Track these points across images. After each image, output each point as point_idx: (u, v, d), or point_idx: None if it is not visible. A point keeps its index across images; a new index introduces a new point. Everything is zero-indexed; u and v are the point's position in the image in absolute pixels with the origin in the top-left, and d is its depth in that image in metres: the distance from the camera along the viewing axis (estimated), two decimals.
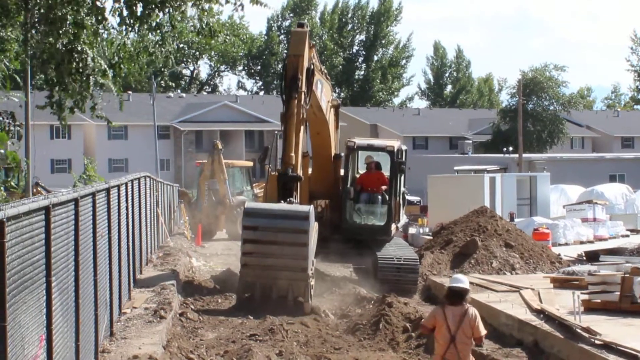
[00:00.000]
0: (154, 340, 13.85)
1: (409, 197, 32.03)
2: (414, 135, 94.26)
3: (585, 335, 14.39)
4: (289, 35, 24.84)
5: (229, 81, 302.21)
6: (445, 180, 44.04)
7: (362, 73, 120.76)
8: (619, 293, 16.89)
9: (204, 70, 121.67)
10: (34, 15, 15.49)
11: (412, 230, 40.04)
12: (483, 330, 10.95)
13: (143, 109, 77.86)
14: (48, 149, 72.41)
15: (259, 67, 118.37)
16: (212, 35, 16.12)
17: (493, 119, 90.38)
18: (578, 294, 16.42)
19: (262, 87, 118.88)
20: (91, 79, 15.30)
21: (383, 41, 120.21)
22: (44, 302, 8.80)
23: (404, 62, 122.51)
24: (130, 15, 14.98)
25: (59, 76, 15.15)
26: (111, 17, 15.31)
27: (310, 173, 24.08)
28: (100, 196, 12.85)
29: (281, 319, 17.33)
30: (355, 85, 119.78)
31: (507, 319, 17.29)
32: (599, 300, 17.24)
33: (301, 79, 20.56)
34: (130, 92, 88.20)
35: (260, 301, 18.99)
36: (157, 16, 15.30)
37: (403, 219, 26.78)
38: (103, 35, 16.32)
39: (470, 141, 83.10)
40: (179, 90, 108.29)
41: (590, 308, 16.96)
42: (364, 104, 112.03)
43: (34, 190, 32.04)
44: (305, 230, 18.59)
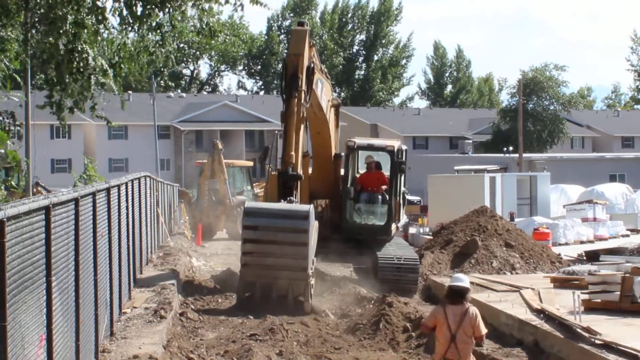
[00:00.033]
0: (154, 340, 13.85)
1: (409, 197, 32.03)
2: (414, 135, 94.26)
3: (586, 335, 14.39)
4: (289, 35, 24.91)
5: (229, 81, 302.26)
6: (446, 180, 44.03)
7: (362, 73, 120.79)
8: (619, 293, 16.89)
9: (204, 70, 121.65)
10: (34, 14, 15.49)
11: (413, 230, 40.04)
12: (484, 329, 10.97)
13: (143, 108, 77.87)
14: (48, 149, 72.41)
15: (259, 67, 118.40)
16: (212, 35, 16.12)
17: (493, 118, 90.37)
18: (578, 294, 16.42)
19: (263, 87, 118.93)
20: (92, 79, 15.30)
21: (383, 41, 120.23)
22: (44, 302, 8.80)
23: (404, 62, 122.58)
24: (130, 15, 14.98)
25: (59, 76, 15.15)
26: (111, 17, 15.32)
27: (310, 173, 24.07)
28: (100, 196, 12.85)
29: (281, 319, 17.33)
30: (355, 85, 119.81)
31: (508, 318, 17.29)
32: (599, 300, 17.23)
33: (301, 77, 20.55)
34: (130, 92, 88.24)
35: (260, 301, 18.99)
36: (157, 16, 15.29)
37: (403, 219, 26.78)
38: (103, 35, 16.31)
39: (470, 141, 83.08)
40: (179, 90, 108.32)
41: (590, 308, 16.96)
42: (364, 103, 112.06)
43: (34, 190, 32.03)
44: (305, 230, 18.59)
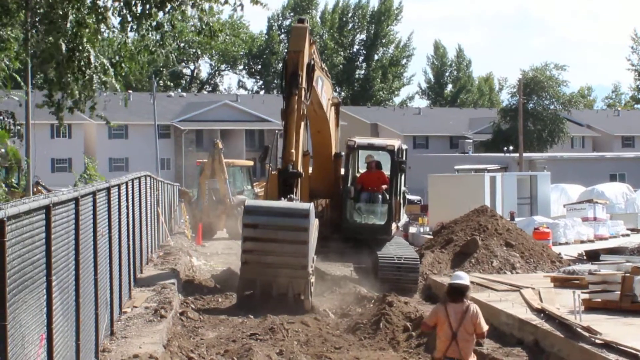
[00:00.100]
0: (155, 340, 13.85)
1: (409, 197, 32.05)
2: (414, 134, 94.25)
3: (586, 334, 14.39)
4: (289, 34, 24.90)
5: (229, 80, 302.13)
6: (446, 179, 44.03)
7: (363, 72, 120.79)
8: (619, 292, 16.89)
9: (204, 69, 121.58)
10: (34, 14, 15.48)
11: (413, 229, 40.04)
12: (485, 326, 11.02)
13: (143, 108, 77.88)
14: (48, 148, 72.44)
15: (260, 67, 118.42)
16: (213, 35, 16.11)
17: (493, 118, 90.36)
18: (578, 293, 16.43)
19: (263, 87, 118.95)
20: (95, 78, 15.28)
21: (383, 40, 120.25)
22: (44, 301, 8.80)
23: (404, 62, 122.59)
24: (129, 15, 14.96)
25: (59, 76, 15.13)
26: (112, 17, 15.31)
27: (310, 172, 24.07)
28: (100, 195, 12.85)
29: (281, 318, 17.32)
30: (355, 84, 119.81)
31: (508, 318, 17.29)
32: (599, 300, 17.24)
33: (301, 75, 20.52)
34: (130, 92, 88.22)
35: (260, 299, 18.99)
36: (157, 15, 15.28)
37: (403, 218, 26.78)
38: (104, 34, 16.30)
39: (470, 140, 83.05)
40: (180, 90, 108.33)
41: (590, 307, 16.96)
42: (364, 103, 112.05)
43: (35, 189, 32.05)
44: (306, 228, 18.58)
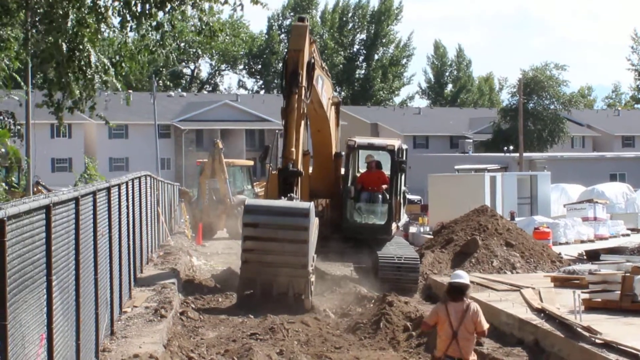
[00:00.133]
0: (155, 339, 13.85)
1: (409, 196, 32.06)
2: (414, 134, 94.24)
3: (586, 334, 14.39)
4: (289, 33, 24.86)
5: (229, 80, 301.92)
6: (446, 179, 44.03)
7: (363, 72, 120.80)
8: (619, 292, 16.89)
9: (204, 69, 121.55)
10: (34, 14, 15.47)
11: (413, 229, 40.05)
12: (486, 324, 11.05)
13: (143, 108, 77.87)
14: (49, 148, 72.44)
15: (260, 66, 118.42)
16: (213, 35, 16.11)
17: (494, 118, 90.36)
18: (579, 293, 16.42)
19: (263, 86, 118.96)
20: (96, 77, 15.27)
21: (384, 40, 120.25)
22: (44, 301, 8.80)
23: (404, 61, 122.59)
24: (129, 14, 14.95)
25: (58, 75, 15.12)
26: (112, 16, 15.28)
27: (310, 172, 24.08)
28: (100, 195, 12.85)
29: (282, 318, 17.32)
30: (355, 84, 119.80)
31: (508, 318, 17.29)
32: (599, 300, 17.24)
33: (301, 73, 20.51)
34: (130, 91, 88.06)
35: (260, 299, 18.99)
36: (157, 15, 15.27)
37: (404, 218, 26.79)
38: (104, 34, 16.30)
39: (470, 140, 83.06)
40: (180, 90, 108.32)
41: (590, 307, 16.96)
42: (364, 103, 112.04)
43: (35, 189, 32.06)
44: (306, 227, 18.58)
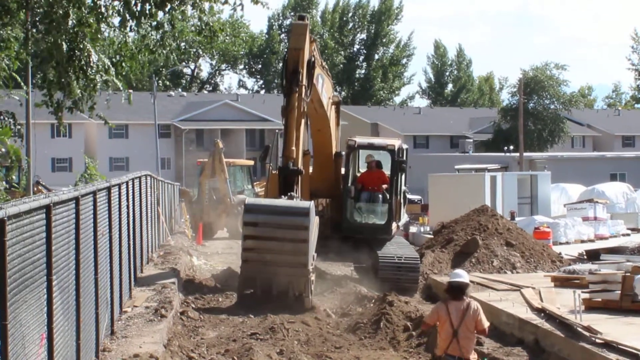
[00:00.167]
0: (155, 339, 13.85)
1: (409, 196, 32.05)
2: (414, 134, 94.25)
3: (586, 334, 14.39)
4: (290, 32, 24.86)
5: (229, 80, 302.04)
6: (446, 179, 44.03)
7: (363, 72, 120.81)
8: (619, 292, 16.89)
9: (204, 69, 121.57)
10: (34, 13, 15.47)
11: (413, 229, 40.06)
12: (486, 323, 11.08)
13: (144, 107, 77.90)
14: (49, 148, 72.50)
15: (260, 66, 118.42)
16: (213, 35, 16.10)
17: (494, 117, 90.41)
18: (579, 293, 16.42)
19: (263, 86, 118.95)
20: (98, 77, 15.26)
21: (384, 40, 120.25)
22: (44, 301, 8.81)
23: (404, 61, 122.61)
24: (128, 14, 14.94)
25: (58, 75, 15.12)
26: (112, 16, 15.28)
27: (311, 172, 24.07)
28: (101, 195, 12.86)
29: (282, 318, 17.31)
30: (356, 84, 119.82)
31: (508, 317, 17.29)
32: (599, 299, 17.24)
33: (302, 72, 20.50)
34: (131, 91, 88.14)
35: (260, 298, 18.98)
36: (157, 16, 15.26)
37: (404, 218, 26.79)
38: (104, 33, 16.29)
39: (471, 140, 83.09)
40: (180, 89, 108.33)
41: (591, 307, 16.97)
42: (364, 102, 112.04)
43: (35, 189, 32.08)
44: (306, 227, 18.57)
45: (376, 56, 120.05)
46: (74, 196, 10.36)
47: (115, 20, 15.33)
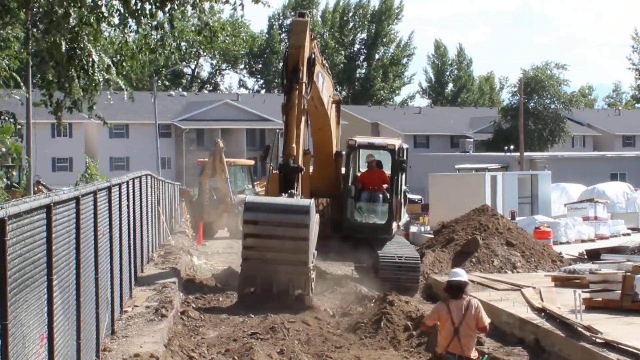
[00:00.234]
0: (156, 339, 13.85)
1: (410, 196, 32.05)
2: (415, 133, 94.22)
3: (587, 333, 14.39)
4: (290, 32, 24.89)
5: (230, 80, 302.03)
6: (447, 178, 44.02)
7: (364, 71, 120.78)
8: (620, 291, 16.89)
9: (205, 68, 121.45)
10: (35, 13, 15.46)
11: (414, 228, 40.05)
12: (487, 320, 11.15)
13: (144, 107, 77.88)
14: (49, 148, 72.49)
15: (260, 66, 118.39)
16: (213, 35, 16.10)
17: (494, 117, 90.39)
18: (579, 293, 16.41)
19: (264, 86, 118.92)
20: (100, 77, 15.26)
21: (384, 39, 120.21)
22: (45, 301, 8.81)
23: (405, 61, 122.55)
24: (127, 13, 14.94)
25: (58, 75, 15.11)
26: (112, 15, 15.27)
27: (311, 171, 24.07)
28: (101, 195, 12.86)
29: (282, 317, 17.30)
30: (356, 83, 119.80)
31: (509, 317, 17.28)
32: (600, 299, 17.23)
33: (302, 69, 20.49)
34: (130, 90, 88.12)
35: (261, 297, 18.97)
36: (157, 16, 15.25)
37: (404, 218, 26.78)
38: (105, 33, 16.30)
39: (471, 140, 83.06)
40: (180, 89, 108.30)
41: (591, 306, 16.96)
42: (365, 102, 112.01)
43: (35, 188, 32.07)
44: (306, 225, 18.56)
45: (376, 56, 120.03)
46: (74, 196, 10.36)
47: (116, 20, 15.32)
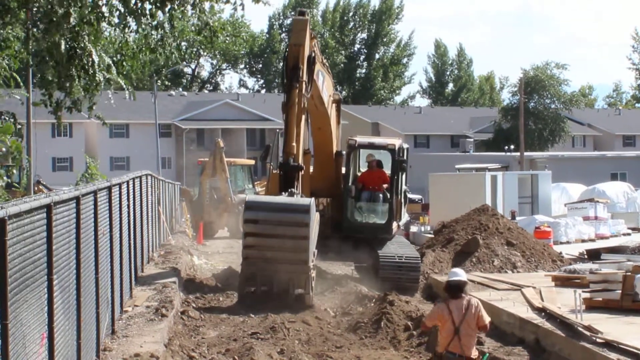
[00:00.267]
0: (156, 339, 13.85)
1: (410, 196, 32.05)
2: (415, 133, 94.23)
3: (587, 333, 14.39)
4: (290, 32, 24.88)
5: (230, 79, 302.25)
6: (447, 178, 44.03)
7: (364, 71, 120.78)
8: (620, 291, 16.89)
9: (205, 68, 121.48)
10: (35, 13, 15.45)
11: (414, 228, 40.05)
12: (487, 318, 11.17)
13: (144, 107, 77.91)
14: (49, 147, 72.49)
15: (261, 66, 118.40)
16: (213, 35, 16.10)
17: (494, 117, 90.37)
18: (579, 292, 16.42)
19: (264, 86, 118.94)
20: (100, 76, 15.25)
21: (384, 39, 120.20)
22: (45, 300, 8.81)
23: (405, 61, 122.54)
24: (127, 13, 14.93)
25: (58, 75, 15.10)
26: (112, 15, 15.26)
27: (311, 171, 24.06)
28: (101, 194, 12.86)
29: (282, 317, 17.30)
30: (356, 83, 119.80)
31: (509, 317, 17.29)
32: (600, 299, 17.23)
33: (302, 68, 20.49)
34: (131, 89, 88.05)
35: (261, 297, 18.97)
36: (157, 15, 15.25)
37: (404, 217, 26.78)
38: (105, 33, 16.29)
39: (471, 139, 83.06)
40: (181, 89, 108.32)
41: (591, 306, 16.96)
42: (365, 102, 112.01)
43: (36, 188, 32.06)
44: (306, 223, 18.56)
45: (377, 56, 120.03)
46: (74, 195, 10.36)
47: (116, 20, 15.31)
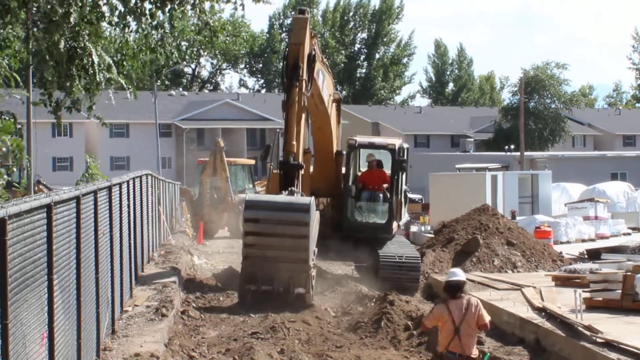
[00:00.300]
0: (156, 338, 13.85)
1: (410, 195, 32.05)
2: (415, 133, 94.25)
3: (587, 333, 14.39)
4: (290, 32, 24.88)
5: (230, 79, 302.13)
6: (447, 178, 44.04)
7: (364, 71, 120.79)
8: (620, 291, 16.89)
9: (205, 68, 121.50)
10: (34, 13, 15.45)
11: (414, 228, 40.06)
12: (487, 317, 11.19)
13: (145, 107, 77.91)
14: (50, 147, 72.51)
15: (261, 65, 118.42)
16: (213, 34, 16.10)
17: (495, 117, 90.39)
18: (580, 292, 16.41)
19: (264, 85, 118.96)
20: (101, 75, 15.25)
21: (385, 39, 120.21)
22: (45, 300, 8.81)
23: (405, 60, 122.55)
24: (127, 13, 14.92)
25: (57, 75, 15.10)
26: (112, 15, 15.27)
27: (312, 171, 24.06)
28: (101, 194, 12.86)
29: (282, 317, 17.30)
30: (356, 83, 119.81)
31: (509, 317, 17.28)
32: (600, 299, 17.23)
33: (302, 66, 20.49)
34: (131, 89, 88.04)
35: (261, 296, 18.97)
36: (156, 15, 15.24)
37: (405, 217, 26.77)
38: (105, 32, 16.29)
39: (471, 139, 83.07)
40: (181, 89, 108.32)
41: (591, 306, 16.96)
42: (365, 102, 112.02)
43: (36, 188, 32.08)
44: (306, 223, 18.57)
45: (377, 55, 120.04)
46: (74, 195, 10.36)
47: (116, 19, 15.31)
